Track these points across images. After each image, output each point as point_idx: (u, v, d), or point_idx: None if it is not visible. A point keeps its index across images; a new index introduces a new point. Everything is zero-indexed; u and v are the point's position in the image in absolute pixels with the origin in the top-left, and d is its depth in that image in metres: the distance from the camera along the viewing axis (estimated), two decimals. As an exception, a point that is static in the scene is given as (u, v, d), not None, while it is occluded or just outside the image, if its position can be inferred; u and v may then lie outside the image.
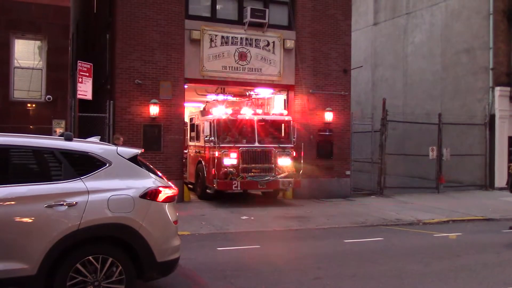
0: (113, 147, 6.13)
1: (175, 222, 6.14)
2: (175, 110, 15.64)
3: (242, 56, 16.42)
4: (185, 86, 15.94)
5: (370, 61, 26.98)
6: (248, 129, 15.22)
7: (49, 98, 13.83)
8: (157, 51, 15.35)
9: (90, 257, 5.49)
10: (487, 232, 11.97)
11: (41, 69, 14.11)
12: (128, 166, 5.92)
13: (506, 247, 10.26)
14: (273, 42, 16.83)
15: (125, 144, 13.46)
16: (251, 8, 16.17)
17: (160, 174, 6.34)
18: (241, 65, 16.41)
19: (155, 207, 5.87)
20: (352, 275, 7.69)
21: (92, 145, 6.04)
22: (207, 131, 15.11)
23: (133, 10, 15.10)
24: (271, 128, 15.66)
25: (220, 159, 14.55)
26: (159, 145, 15.31)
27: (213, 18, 16.39)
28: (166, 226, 6.00)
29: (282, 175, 15.09)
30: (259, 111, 16.22)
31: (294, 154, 15.67)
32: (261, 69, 16.69)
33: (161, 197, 5.90)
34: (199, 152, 16.35)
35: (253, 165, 14.87)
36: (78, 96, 13.68)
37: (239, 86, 17.20)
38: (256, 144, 14.99)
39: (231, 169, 14.52)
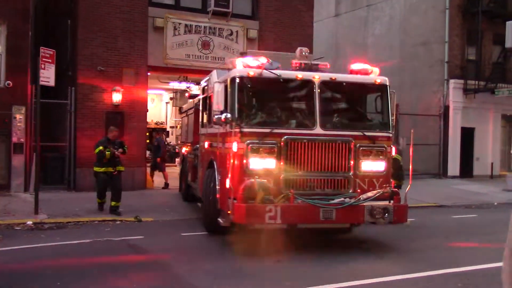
0: None
1: None
2: (138, 97, 15.63)
3: (205, 45, 16.52)
4: (148, 74, 15.94)
5: (331, 52, 27.42)
6: (302, 99, 8.55)
7: (8, 84, 13.62)
8: (120, 38, 15.27)
9: None
10: (438, 218, 12.60)
11: (0, 54, 13.86)
12: None
13: (454, 232, 10.88)
14: (237, 32, 16.99)
15: (91, 131, 13.42)
16: (215, -3, 16.26)
17: None
18: (204, 54, 16.52)
19: None
20: (304, 259, 8.02)
21: None
22: (219, 99, 8.03)
23: (95, -4, 14.97)
24: (348, 100, 9.16)
25: (241, 158, 7.80)
26: (121, 132, 15.27)
27: (177, 6, 16.40)
28: None
29: (368, 194, 8.12)
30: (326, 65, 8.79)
31: (393, 151, 9.36)
32: (224, 58, 16.78)
33: None
34: (211, 146, 9.68)
35: (309, 172, 8.06)
36: (41, 83, 13.42)
37: (202, 75, 17.25)
38: (317, 130, 8.08)
39: (263, 180, 7.71)
